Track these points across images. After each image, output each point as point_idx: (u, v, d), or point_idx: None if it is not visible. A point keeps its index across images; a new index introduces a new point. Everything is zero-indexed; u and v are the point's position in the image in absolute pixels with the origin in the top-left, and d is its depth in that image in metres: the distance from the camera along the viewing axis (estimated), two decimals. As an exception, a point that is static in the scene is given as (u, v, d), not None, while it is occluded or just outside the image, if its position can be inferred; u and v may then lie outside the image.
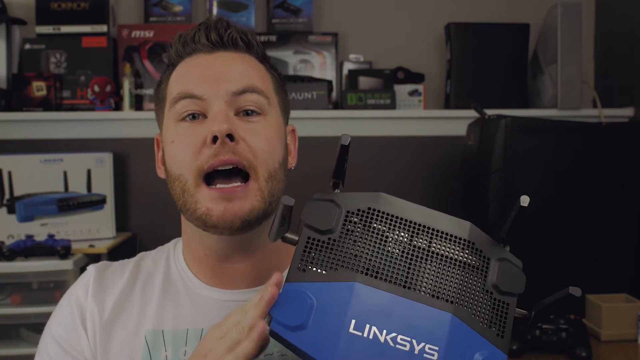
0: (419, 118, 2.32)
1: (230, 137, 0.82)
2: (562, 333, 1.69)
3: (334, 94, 2.35)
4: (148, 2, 2.35)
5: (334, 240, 0.70)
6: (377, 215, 0.72)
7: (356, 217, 0.72)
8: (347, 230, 0.71)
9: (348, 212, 0.72)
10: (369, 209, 0.73)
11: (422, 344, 0.65)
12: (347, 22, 2.43)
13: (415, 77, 2.39)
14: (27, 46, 2.27)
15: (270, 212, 0.86)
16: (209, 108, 0.85)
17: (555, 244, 1.86)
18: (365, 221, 0.72)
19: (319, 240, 0.70)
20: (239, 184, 0.83)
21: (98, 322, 0.88)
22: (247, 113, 0.86)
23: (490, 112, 1.99)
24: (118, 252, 2.09)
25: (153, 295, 0.91)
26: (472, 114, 2.07)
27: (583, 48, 2.22)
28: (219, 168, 0.83)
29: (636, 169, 1.93)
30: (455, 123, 2.26)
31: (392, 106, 2.29)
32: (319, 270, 0.69)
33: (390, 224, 0.72)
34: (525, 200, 0.71)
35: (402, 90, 2.34)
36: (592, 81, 2.43)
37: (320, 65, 2.37)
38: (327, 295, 0.67)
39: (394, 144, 2.35)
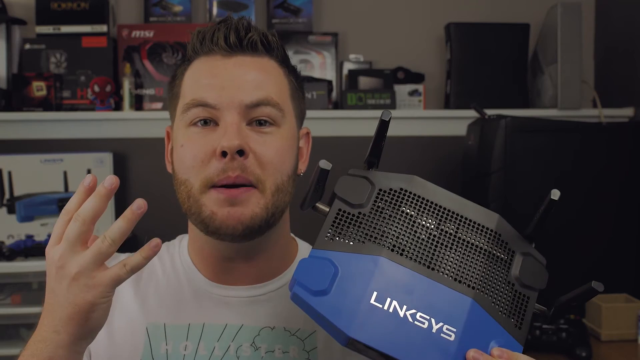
0: (419, 118, 2.32)
1: (240, 152, 0.81)
2: (562, 333, 1.69)
3: (334, 94, 2.35)
4: (148, 2, 2.35)
5: (364, 215, 0.71)
6: (409, 197, 0.74)
7: (387, 196, 0.73)
8: (378, 207, 0.72)
9: (380, 190, 0.73)
10: (401, 189, 0.74)
11: (441, 324, 0.66)
12: (347, 22, 2.43)
13: (415, 77, 2.39)
14: (27, 46, 2.27)
15: (272, 222, 0.86)
16: (222, 117, 0.84)
17: (555, 243, 1.86)
18: (396, 201, 0.73)
19: (349, 213, 0.71)
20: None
21: None
22: (260, 123, 0.85)
23: (490, 112, 1.99)
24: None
25: (156, 289, 0.91)
26: (472, 114, 2.07)
27: (583, 48, 2.22)
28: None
29: (636, 169, 1.93)
30: (455, 123, 2.25)
31: (392, 106, 2.29)
32: (346, 241, 0.70)
33: (420, 207, 0.73)
34: (556, 194, 0.72)
35: (402, 90, 2.33)
36: (592, 81, 2.43)
37: (320, 65, 2.37)
38: (352, 265, 0.68)
39: (394, 144, 2.34)
